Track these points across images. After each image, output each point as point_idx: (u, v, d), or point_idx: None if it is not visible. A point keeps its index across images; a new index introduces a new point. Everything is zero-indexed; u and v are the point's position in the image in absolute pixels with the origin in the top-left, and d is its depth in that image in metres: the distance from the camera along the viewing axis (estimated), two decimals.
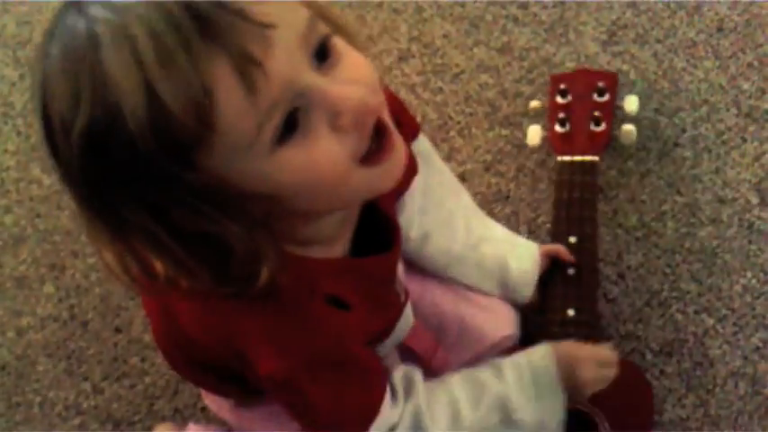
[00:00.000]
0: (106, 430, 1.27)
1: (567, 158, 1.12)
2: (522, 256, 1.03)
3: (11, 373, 1.32)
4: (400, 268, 0.91)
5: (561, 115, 1.16)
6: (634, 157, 1.32)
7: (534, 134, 1.19)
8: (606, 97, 1.17)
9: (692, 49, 1.41)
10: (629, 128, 1.16)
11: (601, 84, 1.17)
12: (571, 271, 1.03)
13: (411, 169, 0.91)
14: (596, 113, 1.14)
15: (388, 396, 0.82)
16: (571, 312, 0.99)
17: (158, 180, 0.59)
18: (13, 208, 1.48)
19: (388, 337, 0.93)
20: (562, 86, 1.18)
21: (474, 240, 1.02)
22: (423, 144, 0.96)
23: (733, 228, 1.24)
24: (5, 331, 1.36)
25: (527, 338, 1.04)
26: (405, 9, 1.55)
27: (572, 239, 1.05)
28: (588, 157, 1.12)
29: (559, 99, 1.18)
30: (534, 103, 1.24)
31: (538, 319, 1.04)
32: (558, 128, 1.16)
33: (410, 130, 0.91)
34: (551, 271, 1.05)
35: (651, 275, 1.22)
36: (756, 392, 1.13)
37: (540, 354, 0.89)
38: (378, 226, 0.83)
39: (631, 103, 1.17)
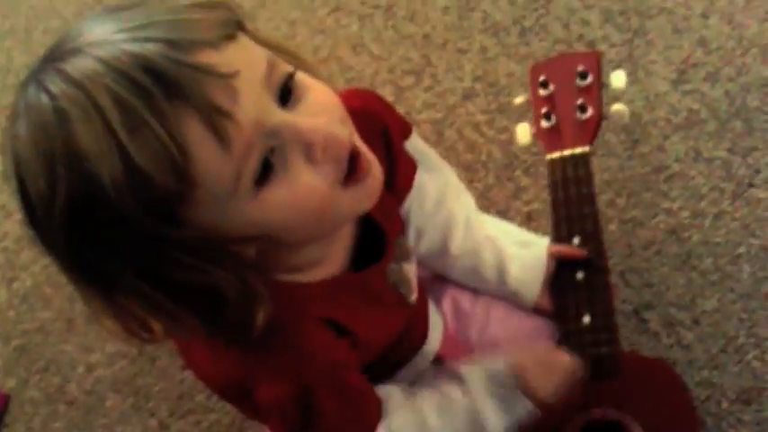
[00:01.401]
0: None
1: (556, 155, 1.04)
2: (525, 263, 1.00)
3: (80, 408, 1.35)
4: (412, 269, 0.90)
5: (544, 109, 1.07)
6: (707, 197, 1.29)
7: (523, 132, 1.09)
8: (589, 80, 1.07)
9: (766, 87, 1.38)
10: (618, 107, 1.06)
11: (581, 67, 1.07)
12: (580, 275, 0.97)
13: (410, 168, 0.91)
14: (580, 101, 1.05)
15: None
16: (587, 319, 0.94)
17: (144, 242, 0.59)
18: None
19: (424, 343, 0.94)
20: (542, 78, 1.08)
21: (473, 243, 1.00)
22: (416, 143, 0.95)
23: None
24: (75, 366, 1.38)
25: None
26: (469, 48, 1.55)
27: (575, 241, 0.99)
28: (578, 150, 1.04)
29: (542, 91, 1.09)
30: (519, 99, 1.12)
31: (559, 330, 0.99)
32: (543, 123, 1.07)
33: (402, 131, 0.91)
34: (560, 276, 0.99)
35: (726, 320, 1.19)
36: None
37: (496, 364, 0.89)
38: (378, 235, 0.83)
39: (618, 79, 1.06)
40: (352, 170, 0.67)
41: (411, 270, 0.90)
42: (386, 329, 0.85)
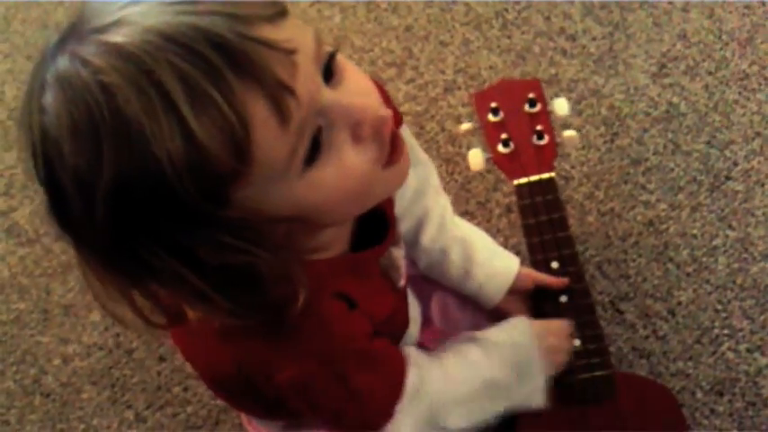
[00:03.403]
0: None
1: (523, 180, 1.07)
2: (491, 270, 1.01)
3: (56, 401, 1.34)
4: (400, 253, 0.90)
5: (504, 135, 1.08)
6: (684, 190, 1.29)
7: (476, 158, 1.11)
8: (538, 107, 1.10)
9: (745, 81, 1.38)
10: (570, 133, 1.09)
11: (528, 94, 1.10)
12: (563, 299, 1.00)
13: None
14: (539, 127, 1.07)
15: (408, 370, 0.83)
16: (577, 343, 0.96)
17: (190, 222, 0.58)
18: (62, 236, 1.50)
19: (404, 332, 0.94)
20: (492, 104, 1.10)
21: (444, 240, 1.01)
22: (406, 134, 0.94)
23: None
24: (52, 359, 1.37)
25: None
26: (451, 41, 1.55)
27: (554, 265, 1.01)
28: (545, 175, 1.07)
29: (491, 118, 1.11)
30: (465, 126, 1.14)
31: None
32: (501, 149, 1.09)
33: (396, 119, 0.91)
34: (542, 298, 1.01)
35: (702, 312, 1.19)
36: None
37: (521, 330, 0.93)
38: (376, 218, 0.83)
39: (561, 107, 1.09)
40: (390, 151, 0.67)
41: (400, 255, 0.90)
42: (379, 309, 0.84)
